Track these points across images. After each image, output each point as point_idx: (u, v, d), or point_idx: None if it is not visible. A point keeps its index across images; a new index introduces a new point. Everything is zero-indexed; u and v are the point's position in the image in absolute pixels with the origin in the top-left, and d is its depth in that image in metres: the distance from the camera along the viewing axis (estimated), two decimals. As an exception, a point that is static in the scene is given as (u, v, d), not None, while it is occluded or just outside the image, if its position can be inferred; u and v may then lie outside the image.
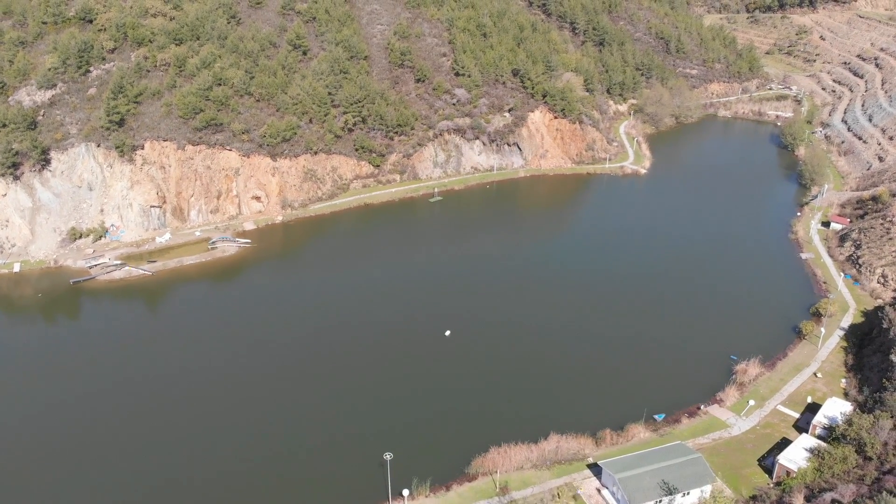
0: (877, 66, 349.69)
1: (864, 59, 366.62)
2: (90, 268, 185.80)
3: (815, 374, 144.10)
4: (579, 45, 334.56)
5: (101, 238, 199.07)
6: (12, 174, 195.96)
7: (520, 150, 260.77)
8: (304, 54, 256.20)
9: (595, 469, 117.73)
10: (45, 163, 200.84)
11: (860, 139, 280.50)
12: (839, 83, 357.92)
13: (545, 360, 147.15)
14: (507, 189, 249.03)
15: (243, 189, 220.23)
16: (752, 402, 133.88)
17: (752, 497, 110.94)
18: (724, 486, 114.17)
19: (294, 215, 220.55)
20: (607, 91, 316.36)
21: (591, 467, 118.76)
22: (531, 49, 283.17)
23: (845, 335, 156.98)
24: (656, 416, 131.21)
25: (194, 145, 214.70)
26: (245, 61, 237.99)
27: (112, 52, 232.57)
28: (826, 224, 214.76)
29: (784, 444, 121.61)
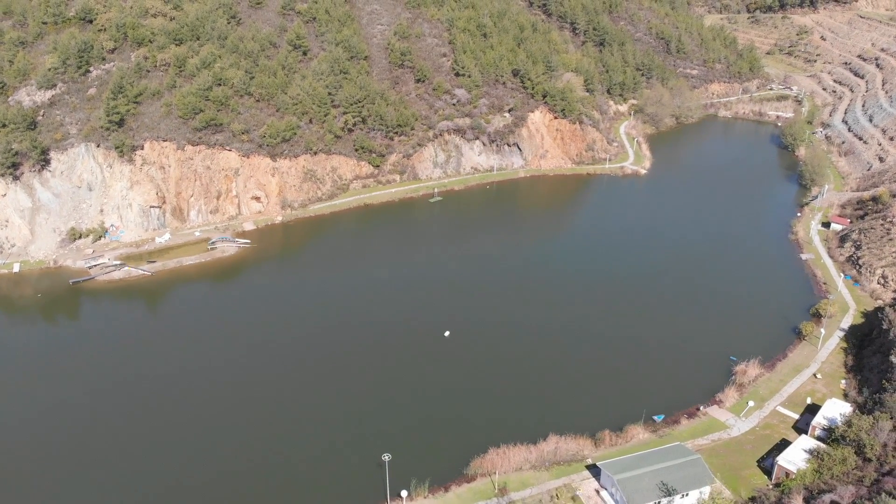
0: (877, 66, 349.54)
1: (864, 60, 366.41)
2: (90, 268, 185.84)
3: (815, 375, 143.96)
4: (579, 46, 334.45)
5: (101, 238, 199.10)
6: (12, 174, 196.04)
7: (520, 150, 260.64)
8: (304, 54, 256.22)
9: (594, 470, 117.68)
10: (44, 163, 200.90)
11: (861, 139, 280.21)
12: (840, 83, 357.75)
13: (544, 360, 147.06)
14: (507, 189, 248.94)
15: (243, 189, 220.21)
16: (751, 403, 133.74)
17: (752, 498, 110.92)
18: (723, 487, 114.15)
19: (294, 215, 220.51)
20: (607, 91, 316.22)
21: (590, 468, 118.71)
22: (531, 49, 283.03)
23: (845, 336, 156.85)
24: (655, 417, 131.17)
25: (194, 145, 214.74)
26: (245, 61, 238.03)
27: (112, 52, 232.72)
28: (826, 225, 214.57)
29: (783, 446, 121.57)
